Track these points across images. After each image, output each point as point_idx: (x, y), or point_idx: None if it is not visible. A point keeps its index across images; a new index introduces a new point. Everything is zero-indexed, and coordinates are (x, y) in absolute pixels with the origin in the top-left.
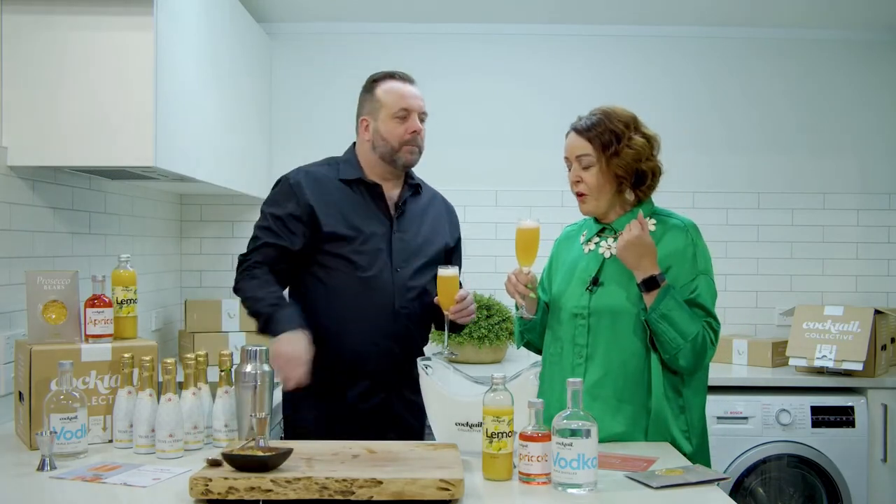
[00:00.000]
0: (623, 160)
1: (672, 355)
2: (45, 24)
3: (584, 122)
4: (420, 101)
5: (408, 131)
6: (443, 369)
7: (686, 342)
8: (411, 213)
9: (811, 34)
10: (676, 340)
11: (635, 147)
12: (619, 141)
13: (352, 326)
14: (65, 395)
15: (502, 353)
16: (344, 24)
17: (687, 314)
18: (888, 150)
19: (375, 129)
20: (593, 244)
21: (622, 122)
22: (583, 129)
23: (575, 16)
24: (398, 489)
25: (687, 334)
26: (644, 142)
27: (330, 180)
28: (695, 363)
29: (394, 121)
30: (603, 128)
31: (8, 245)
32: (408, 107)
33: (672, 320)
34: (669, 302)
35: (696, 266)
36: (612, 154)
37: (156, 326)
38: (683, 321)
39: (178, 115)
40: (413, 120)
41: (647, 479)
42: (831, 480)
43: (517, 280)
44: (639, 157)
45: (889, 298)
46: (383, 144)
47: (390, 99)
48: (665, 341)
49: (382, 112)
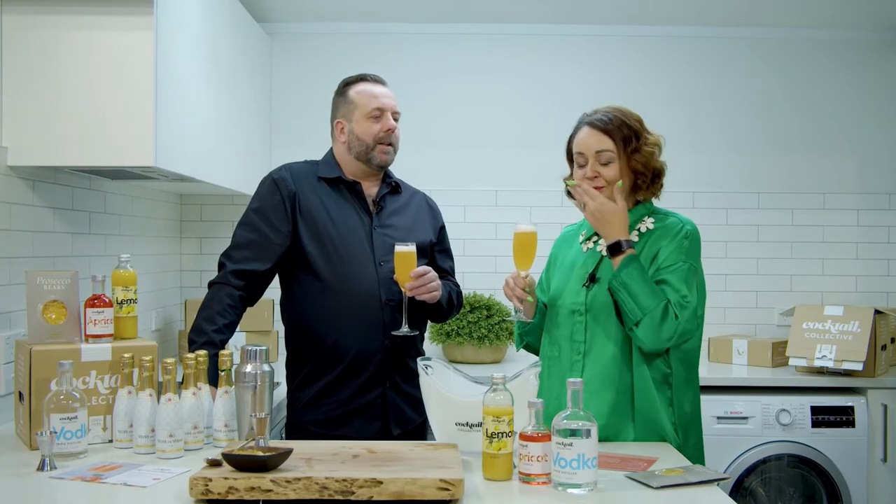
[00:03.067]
0: (643, 157)
1: (630, 327)
2: (45, 24)
3: (602, 117)
4: (392, 101)
5: (382, 129)
6: (443, 369)
7: (644, 314)
8: (390, 208)
9: (811, 34)
10: (634, 311)
11: (652, 145)
12: (638, 138)
13: (341, 322)
14: (65, 395)
15: (502, 353)
16: (344, 24)
17: (649, 287)
18: (888, 150)
19: (350, 129)
20: (592, 243)
21: (637, 121)
22: (602, 124)
23: (575, 16)
24: (398, 489)
25: (645, 307)
26: (657, 140)
27: (311, 177)
28: (655, 338)
29: (368, 120)
30: (622, 124)
31: (8, 245)
32: (381, 106)
33: (631, 290)
34: (633, 272)
35: (685, 253)
36: (633, 150)
37: (156, 326)
38: (643, 293)
39: (178, 115)
40: (387, 119)
41: (647, 479)
42: (831, 480)
43: (515, 284)
44: (657, 154)
45: (889, 298)
46: (359, 144)
47: (364, 100)
48: (625, 311)
49: (357, 113)
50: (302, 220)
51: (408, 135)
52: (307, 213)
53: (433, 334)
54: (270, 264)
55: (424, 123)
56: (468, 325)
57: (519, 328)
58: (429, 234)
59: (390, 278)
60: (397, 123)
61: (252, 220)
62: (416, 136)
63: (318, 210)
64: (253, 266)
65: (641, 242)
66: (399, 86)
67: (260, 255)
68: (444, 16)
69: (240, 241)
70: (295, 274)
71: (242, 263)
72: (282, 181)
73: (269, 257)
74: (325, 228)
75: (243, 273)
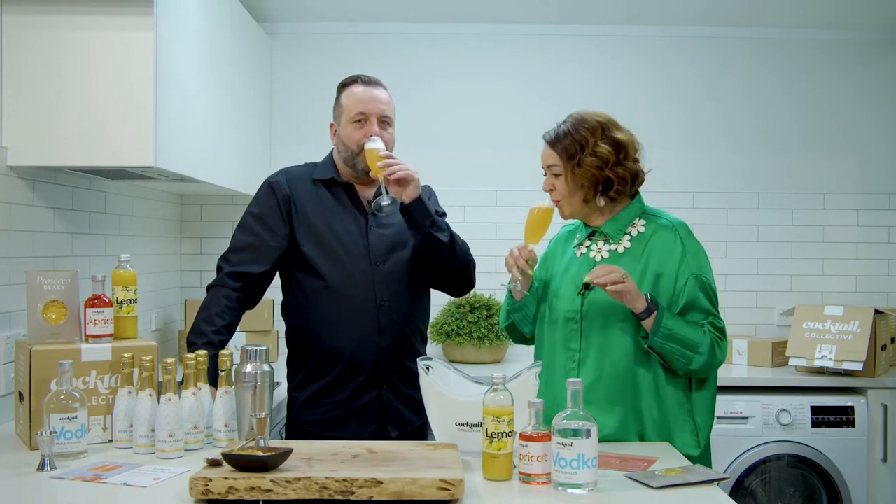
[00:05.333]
0: (585, 170)
1: (685, 368)
2: (44, 24)
3: (553, 132)
4: (380, 105)
5: (365, 135)
6: (443, 369)
7: (696, 354)
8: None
9: (811, 34)
10: (686, 354)
11: (600, 155)
12: (583, 150)
13: (337, 324)
14: (65, 395)
15: (502, 353)
16: (344, 24)
17: (689, 327)
18: (888, 150)
19: (339, 134)
20: (585, 248)
21: (589, 130)
22: (550, 140)
23: (575, 16)
24: (398, 489)
25: (696, 346)
26: (608, 149)
27: (306, 180)
28: (708, 366)
29: (352, 125)
30: (569, 139)
31: (8, 245)
32: (365, 111)
33: (676, 337)
34: (668, 321)
35: (686, 267)
36: (576, 164)
37: (156, 326)
38: (688, 334)
39: (178, 115)
40: (371, 125)
41: (647, 479)
42: (831, 480)
43: (519, 254)
44: (602, 166)
45: (889, 298)
46: (345, 150)
47: (350, 103)
48: (675, 359)
49: (343, 117)
50: (298, 222)
51: (408, 135)
52: (303, 216)
53: (433, 334)
54: (267, 267)
55: (424, 123)
56: (468, 325)
57: (508, 304)
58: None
59: (387, 279)
60: (390, 128)
61: (249, 224)
62: (416, 136)
63: (313, 212)
64: (250, 269)
65: (634, 249)
66: (399, 86)
67: (257, 258)
68: (444, 16)
69: (237, 245)
70: (293, 275)
71: (240, 266)
72: (277, 185)
73: (267, 260)
74: (320, 230)
75: (240, 275)
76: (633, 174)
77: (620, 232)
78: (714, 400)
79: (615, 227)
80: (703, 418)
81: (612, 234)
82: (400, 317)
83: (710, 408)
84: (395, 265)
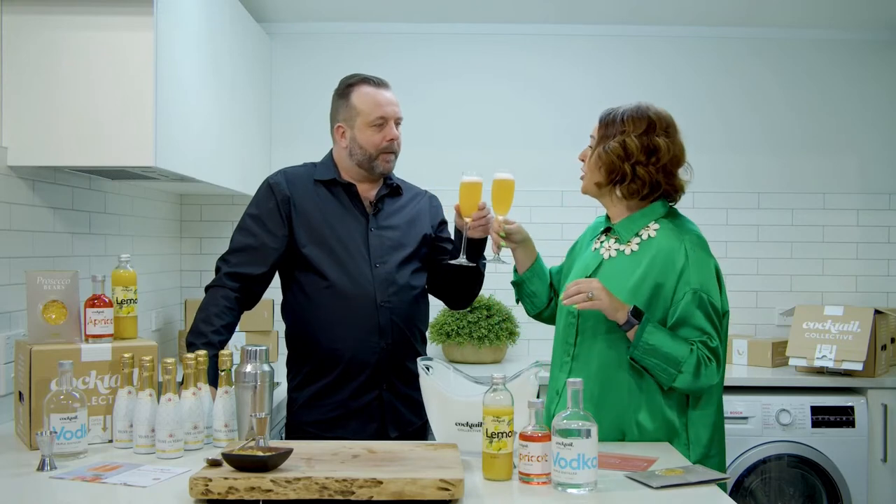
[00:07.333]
0: (608, 155)
1: (669, 385)
2: (44, 24)
3: (610, 109)
4: (396, 108)
5: (385, 139)
6: (443, 369)
7: (679, 372)
8: (389, 209)
9: (810, 34)
10: (668, 371)
11: (627, 147)
12: (615, 137)
13: (336, 325)
14: (65, 395)
15: (502, 353)
16: (344, 24)
17: (675, 343)
18: (888, 150)
19: (352, 136)
20: (599, 243)
21: (633, 122)
22: (603, 114)
23: (575, 16)
24: (398, 489)
25: (679, 364)
26: (638, 146)
27: (307, 180)
28: (693, 386)
29: (371, 129)
30: (612, 119)
31: (8, 245)
32: (384, 115)
33: (659, 352)
34: (651, 335)
35: (685, 281)
36: (604, 146)
37: (156, 326)
38: (671, 350)
39: (178, 116)
40: (390, 128)
41: (647, 479)
42: (831, 480)
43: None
44: (624, 157)
45: (889, 298)
46: (361, 153)
47: (367, 107)
48: (658, 374)
49: (359, 120)
50: (298, 223)
51: (408, 135)
52: (303, 217)
53: (433, 334)
54: (266, 268)
55: (424, 123)
56: (468, 325)
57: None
58: (425, 228)
59: (386, 280)
60: (399, 129)
61: (248, 225)
62: (417, 136)
63: (313, 213)
64: (248, 269)
65: (640, 253)
66: (399, 86)
67: (256, 259)
68: (444, 16)
69: (236, 246)
70: (293, 276)
71: (238, 267)
72: (276, 186)
73: (265, 261)
74: (320, 231)
75: (239, 276)
76: (656, 182)
77: (632, 233)
78: (716, 417)
79: (628, 227)
80: (699, 434)
81: (622, 235)
82: (400, 317)
83: (708, 424)
84: (396, 266)
